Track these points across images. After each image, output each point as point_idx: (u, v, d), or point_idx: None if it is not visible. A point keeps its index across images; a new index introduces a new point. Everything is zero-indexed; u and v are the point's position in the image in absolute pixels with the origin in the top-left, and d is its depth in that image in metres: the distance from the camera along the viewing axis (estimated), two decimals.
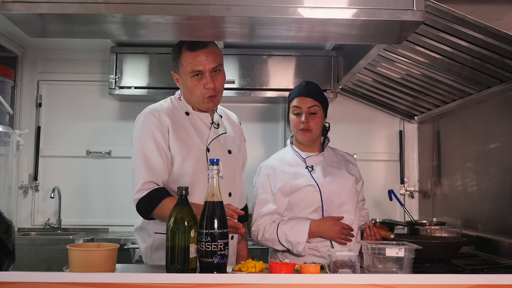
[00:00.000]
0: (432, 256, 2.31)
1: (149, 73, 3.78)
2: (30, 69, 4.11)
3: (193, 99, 2.18)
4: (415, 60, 2.76)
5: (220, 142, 2.22)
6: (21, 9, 1.71)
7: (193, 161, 2.13)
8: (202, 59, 2.10)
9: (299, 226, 2.34)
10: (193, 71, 2.11)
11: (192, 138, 2.16)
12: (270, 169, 2.46)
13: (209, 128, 2.22)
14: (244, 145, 2.43)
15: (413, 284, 1.44)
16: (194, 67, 2.11)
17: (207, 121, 2.23)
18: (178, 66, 2.16)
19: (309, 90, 2.44)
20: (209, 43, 2.14)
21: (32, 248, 3.41)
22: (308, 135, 2.42)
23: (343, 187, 2.42)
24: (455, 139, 3.42)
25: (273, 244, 2.37)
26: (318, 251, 2.35)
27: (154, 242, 2.16)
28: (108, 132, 4.10)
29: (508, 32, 2.13)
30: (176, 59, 2.17)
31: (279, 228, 2.35)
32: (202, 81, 2.12)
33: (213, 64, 2.12)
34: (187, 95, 2.20)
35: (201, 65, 2.10)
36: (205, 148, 2.17)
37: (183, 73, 2.15)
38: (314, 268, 1.71)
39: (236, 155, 2.29)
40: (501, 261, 2.60)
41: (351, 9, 1.75)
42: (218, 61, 2.14)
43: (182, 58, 2.13)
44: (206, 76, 2.12)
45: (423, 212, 4.01)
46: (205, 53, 2.11)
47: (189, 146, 2.14)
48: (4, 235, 1.87)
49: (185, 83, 2.16)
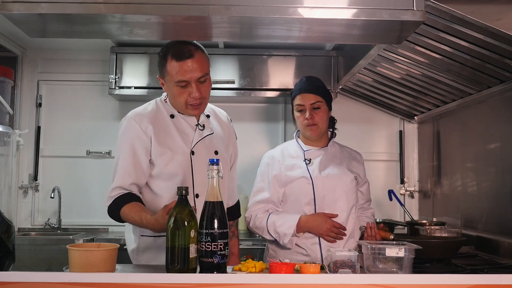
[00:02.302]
0: (432, 256, 2.31)
1: (149, 73, 3.78)
2: (30, 69, 4.11)
3: (177, 106, 2.16)
4: (415, 60, 2.76)
5: (205, 144, 2.20)
6: (21, 9, 1.71)
7: (175, 165, 2.12)
8: (188, 69, 2.04)
9: (289, 218, 2.36)
10: (179, 81, 2.06)
11: (175, 142, 2.14)
12: (270, 158, 2.51)
13: (194, 130, 2.19)
14: (234, 142, 2.40)
15: (413, 284, 1.44)
16: (180, 77, 2.05)
17: (192, 123, 2.20)
18: (163, 72, 2.12)
19: (310, 86, 2.44)
20: (196, 50, 2.08)
21: (32, 248, 3.41)
22: (315, 129, 2.43)
23: (339, 183, 2.41)
24: (455, 139, 3.42)
25: (262, 232, 2.40)
26: (305, 250, 2.36)
27: (140, 245, 2.17)
28: (108, 132, 4.09)
29: (508, 32, 2.13)
30: (161, 65, 2.13)
31: (269, 218, 2.38)
32: (187, 90, 2.08)
33: (199, 73, 2.06)
34: (172, 101, 2.19)
35: (187, 75, 2.05)
36: (189, 151, 2.15)
37: (168, 81, 2.11)
38: (314, 268, 1.71)
39: (224, 154, 2.26)
40: (501, 261, 2.60)
41: (351, 9, 1.75)
42: (204, 71, 2.08)
43: (168, 66, 2.08)
44: (192, 85, 2.07)
45: (423, 212, 4.01)
46: (192, 62, 2.05)
47: (172, 151, 2.12)
48: (4, 235, 1.87)
49: (170, 90, 2.13)
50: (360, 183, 2.53)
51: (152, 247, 2.15)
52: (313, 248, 2.36)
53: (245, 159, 3.27)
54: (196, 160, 2.14)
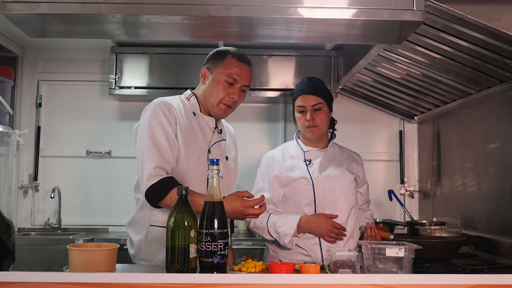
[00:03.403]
0: (432, 255, 2.31)
1: (149, 73, 3.79)
2: (30, 69, 4.11)
3: (211, 99, 2.21)
4: (415, 60, 2.76)
5: (220, 147, 2.26)
6: (21, 9, 1.71)
7: (194, 158, 2.14)
8: (243, 72, 2.19)
9: (289, 218, 2.36)
10: (231, 76, 2.17)
11: (196, 136, 2.18)
12: (270, 159, 2.51)
13: (212, 131, 2.25)
14: (237, 158, 2.46)
15: (413, 284, 1.44)
16: (234, 74, 2.18)
17: (211, 124, 2.26)
18: (216, 64, 2.21)
19: (311, 87, 2.44)
20: (251, 64, 2.26)
21: (32, 248, 3.41)
22: (316, 131, 2.43)
23: (339, 184, 2.42)
24: (455, 139, 3.42)
25: (263, 232, 2.40)
26: (305, 250, 2.36)
27: (149, 235, 2.15)
28: (108, 132, 4.10)
29: (508, 32, 2.14)
30: (218, 58, 2.21)
31: (270, 218, 2.38)
32: (230, 89, 2.19)
33: (247, 82, 2.22)
34: (206, 93, 2.22)
35: (240, 76, 2.18)
36: (207, 148, 2.19)
37: (219, 73, 2.19)
38: (314, 268, 1.71)
39: (231, 164, 2.33)
40: (501, 261, 2.60)
41: (351, 9, 1.75)
42: (250, 82, 2.25)
43: (226, 60, 2.19)
44: (236, 87, 2.19)
45: (423, 212, 4.01)
46: (247, 70, 2.21)
47: (192, 143, 2.16)
48: (4, 235, 1.86)
49: (215, 82, 2.20)
50: (360, 184, 2.54)
51: (161, 238, 2.13)
52: (314, 249, 2.36)
53: (245, 159, 3.27)
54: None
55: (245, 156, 3.35)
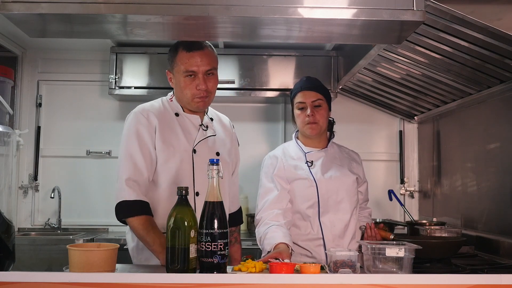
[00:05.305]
0: (432, 255, 2.31)
1: (149, 73, 3.78)
2: (30, 69, 4.11)
3: (184, 99, 2.19)
4: (415, 60, 2.76)
5: (208, 144, 2.23)
6: (21, 9, 1.71)
7: (177, 162, 2.14)
8: (197, 60, 2.12)
9: (276, 236, 2.21)
10: (187, 71, 2.13)
11: (179, 139, 2.17)
12: (273, 158, 2.48)
13: (198, 129, 2.22)
14: (236, 148, 2.43)
15: (413, 284, 1.44)
16: (188, 67, 2.12)
17: (196, 122, 2.23)
18: (172, 65, 2.19)
19: (311, 84, 2.44)
20: (206, 46, 2.16)
21: (32, 248, 3.41)
22: (316, 128, 2.42)
23: (341, 185, 2.41)
24: (455, 139, 3.42)
25: (257, 239, 2.33)
26: (309, 252, 2.35)
27: (139, 243, 2.16)
28: (108, 132, 4.09)
29: (508, 32, 2.13)
30: (171, 57, 2.19)
31: (267, 229, 2.26)
32: (194, 81, 2.14)
33: (207, 66, 2.14)
34: (178, 95, 2.22)
35: (196, 66, 2.12)
36: (191, 149, 2.17)
37: (177, 72, 2.17)
38: (314, 268, 1.71)
39: (225, 157, 2.28)
40: (501, 261, 2.60)
41: (351, 9, 1.75)
42: (212, 64, 2.16)
43: (177, 57, 2.15)
44: (199, 77, 2.14)
45: (423, 212, 4.01)
46: (201, 55, 2.13)
47: (174, 147, 2.15)
48: (4, 235, 1.86)
49: (178, 82, 2.18)
50: (360, 183, 2.53)
51: None
52: (318, 250, 2.34)
53: (245, 159, 3.26)
54: (197, 158, 2.16)
55: (245, 156, 3.34)
